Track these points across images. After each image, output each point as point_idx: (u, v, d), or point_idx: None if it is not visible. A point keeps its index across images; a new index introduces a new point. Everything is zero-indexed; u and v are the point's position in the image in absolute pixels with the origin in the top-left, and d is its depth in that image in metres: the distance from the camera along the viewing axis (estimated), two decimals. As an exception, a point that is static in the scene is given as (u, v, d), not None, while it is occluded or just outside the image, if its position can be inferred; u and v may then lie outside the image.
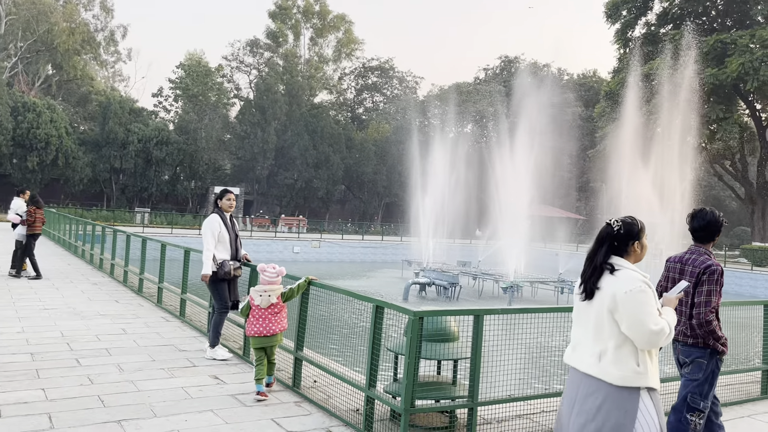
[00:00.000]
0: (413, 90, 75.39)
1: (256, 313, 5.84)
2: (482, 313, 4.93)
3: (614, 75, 46.92)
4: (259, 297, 5.84)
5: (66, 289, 11.83)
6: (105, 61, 68.56)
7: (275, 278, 6.00)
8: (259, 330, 5.77)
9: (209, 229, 7.04)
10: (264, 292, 5.86)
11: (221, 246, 7.10)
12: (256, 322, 5.80)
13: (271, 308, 5.85)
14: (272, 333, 5.79)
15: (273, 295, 5.88)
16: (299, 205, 58.91)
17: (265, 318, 5.81)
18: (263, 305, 5.82)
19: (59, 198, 52.64)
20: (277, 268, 6.10)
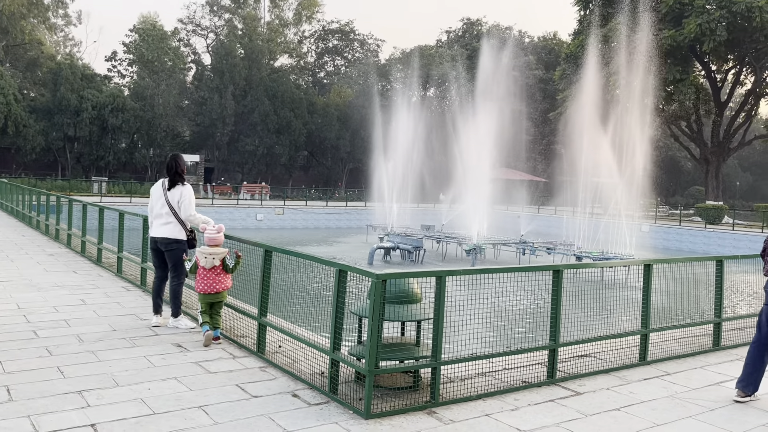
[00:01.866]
0: (375, 53, 74.51)
1: (201, 272, 6.42)
2: (444, 275, 4.97)
3: (574, 37, 47.17)
4: (204, 259, 6.41)
5: (21, 260, 11.51)
6: (54, 24, 65.62)
7: (217, 234, 6.53)
8: (204, 288, 6.39)
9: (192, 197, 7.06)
10: (209, 254, 6.42)
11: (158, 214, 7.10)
12: (202, 281, 6.41)
13: (214, 269, 6.42)
14: (217, 291, 6.42)
15: (217, 258, 6.43)
16: (261, 171, 58.19)
17: (209, 278, 6.41)
18: (207, 266, 6.40)
19: (11, 168, 50.90)
20: (218, 226, 6.64)
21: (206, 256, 6.41)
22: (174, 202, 6.92)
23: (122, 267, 10.35)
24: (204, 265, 6.40)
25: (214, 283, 6.40)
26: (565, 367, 6.01)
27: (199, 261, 6.44)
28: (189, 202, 6.99)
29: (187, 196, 6.98)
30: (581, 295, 6.38)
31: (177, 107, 57.69)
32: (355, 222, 38.74)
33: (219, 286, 6.43)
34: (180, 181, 6.99)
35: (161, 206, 6.96)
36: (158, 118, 53.87)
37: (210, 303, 6.44)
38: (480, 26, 73.69)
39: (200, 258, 6.44)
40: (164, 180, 7.04)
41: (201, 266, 6.42)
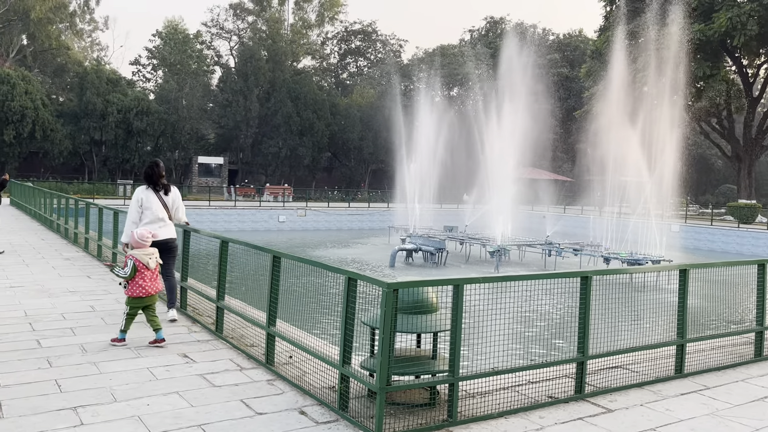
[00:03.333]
0: (397, 54, 74.16)
1: (145, 275, 6.32)
2: (462, 283, 4.60)
3: (600, 33, 46.22)
4: (150, 260, 6.38)
5: (36, 265, 11.40)
6: (81, 30, 66.56)
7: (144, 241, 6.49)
8: (148, 290, 6.31)
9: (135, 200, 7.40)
10: (152, 255, 6.44)
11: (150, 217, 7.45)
12: (144, 284, 6.29)
13: (155, 270, 6.48)
14: (156, 292, 6.43)
15: (155, 258, 6.52)
16: (285, 173, 58.21)
17: (152, 279, 6.38)
18: (152, 266, 6.39)
19: (39, 172, 51.62)
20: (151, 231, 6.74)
21: (150, 257, 6.41)
22: (170, 205, 7.37)
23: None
24: (151, 266, 6.38)
25: (155, 283, 6.42)
26: (594, 381, 5.59)
27: (142, 264, 6.31)
28: (182, 205, 7.61)
29: (180, 199, 7.54)
30: (610, 301, 5.94)
31: (201, 110, 58.03)
32: (378, 223, 38.43)
33: (158, 287, 6.51)
34: (169, 185, 7.37)
35: (160, 210, 7.26)
36: (182, 120, 54.24)
37: (147, 305, 6.39)
38: (503, 25, 72.85)
39: (143, 260, 6.32)
40: (150, 185, 7.30)
41: (144, 268, 6.32)
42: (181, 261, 8.09)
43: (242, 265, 6.89)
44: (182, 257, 8.05)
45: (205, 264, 9.38)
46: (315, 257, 18.85)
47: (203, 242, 7.79)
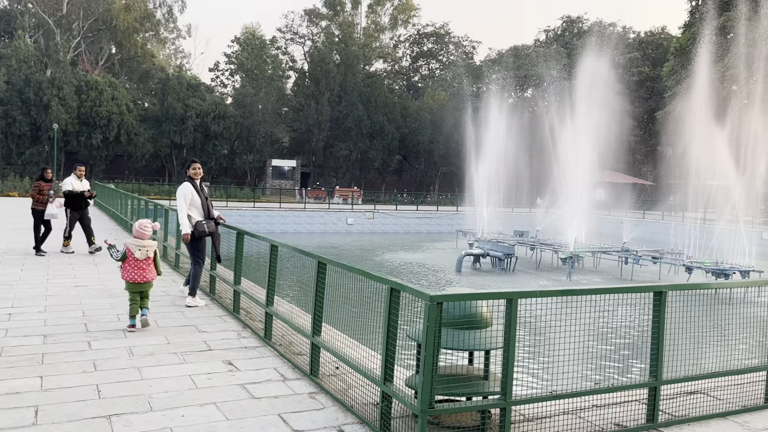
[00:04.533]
0: (470, 55, 73.23)
1: (132, 263, 6.86)
2: (515, 297, 4.15)
3: (685, 30, 43.91)
4: (138, 251, 6.88)
5: (104, 265, 11.67)
6: (165, 38, 69.45)
7: (144, 231, 7.01)
8: (135, 277, 6.85)
9: (182, 195, 8.14)
10: (143, 246, 6.91)
11: (194, 209, 8.22)
12: (132, 271, 6.86)
13: (146, 260, 6.93)
14: (147, 280, 6.94)
15: (150, 250, 6.98)
16: (355, 176, 58.55)
17: (141, 268, 6.89)
18: (141, 258, 6.88)
19: (123, 174, 54.16)
20: (154, 224, 7.24)
21: (140, 248, 6.89)
22: None
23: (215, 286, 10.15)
24: (138, 257, 6.85)
25: (145, 273, 6.90)
26: (670, 407, 5.00)
27: (132, 253, 6.85)
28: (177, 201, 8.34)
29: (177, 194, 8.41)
30: (690, 316, 5.31)
31: (275, 114, 59.26)
32: (446, 227, 37.88)
33: (150, 276, 6.96)
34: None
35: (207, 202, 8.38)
36: (257, 124, 55.56)
37: (139, 291, 6.91)
38: (581, 23, 70.67)
39: (133, 250, 6.86)
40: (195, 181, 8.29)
41: (133, 257, 6.85)
42: (234, 262, 7.99)
43: (294, 270, 6.67)
44: (235, 259, 7.95)
45: (256, 267, 9.25)
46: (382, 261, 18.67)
47: (254, 244, 7.63)
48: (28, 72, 47.98)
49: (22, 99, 47.68)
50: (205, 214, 8.25)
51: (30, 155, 48.14)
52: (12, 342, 6.23)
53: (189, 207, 8.16)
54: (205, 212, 8.27)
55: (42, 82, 47.79)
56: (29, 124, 48.11)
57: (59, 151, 48.97)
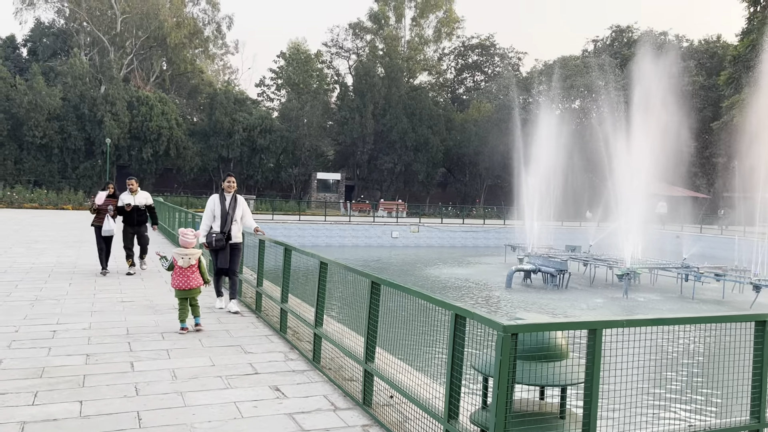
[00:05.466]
0: (515, 67, 72.28)
1: (178, 271, 7.33)
2: (600, 327, 3.65)
3: (743, 37, 42.20)
4: (181, 259, 7.32)
5: (150, 279, 11.55)
6: (214, 54, 70.87)
7: (192, 240, 7.50)
8: (180, 284, 7.30)
9: (207, 206, 8.71)
10: (185, 255, 7.35)
11: (216, 220, 8.60)
12: (178, 279, 7.32)
13: (190, 268, 7.35)
14: (191, 287, 7.34)
15: (192, 258, 7.37)
16: (399, 189, 58.23)
17: (185, 276, 7.32)
18: (184, 266, 7.32)
19: (172, 187, 55.16)
20: (194, 231, 7.77)
21: (183, 257, 7.32)
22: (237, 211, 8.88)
23: (241, 289, 9.91)
24: (182, 265, 7.29)
25: (189, 280, 7.31)
26: (771, 453, 4.37)
27: (176, 261, 7.31)
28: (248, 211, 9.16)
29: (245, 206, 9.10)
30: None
31: (320, 127, 59.56)
32: (493, 241, 37.08)
33: (194, 283, 7.35)
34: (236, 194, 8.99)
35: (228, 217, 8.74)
36: (303, 138, 55.90)
37: (186, 297, 7.34)
38: (631, 33, 68.95)
39: (177, 259, 7.32)
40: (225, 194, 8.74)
41: (178, 266, 7.30)
42: (282, 279, 7.67)
43: (345, 287, 6.28)
44: (283, 276, 7.62)
45: (304, 282, 8.88)
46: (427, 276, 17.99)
47: (302, 260, 7.28)
48: (83, 89, 49.46)
49: (77, 115, 49.14)
50: (220, 227, 8.57)
51: (84, 169, 49.48)
52: (54, 362, 6.01)
53: (213, 218, 8.62)
54: (222, 225, 8.57)
55: (96, 98, 49.17)
56: (84, 138, 49.51)
57: (111, 165, 50.21)
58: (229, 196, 8.67)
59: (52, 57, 57.50)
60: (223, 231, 8.48)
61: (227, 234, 8.52)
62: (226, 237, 8.51)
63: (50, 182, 47.70)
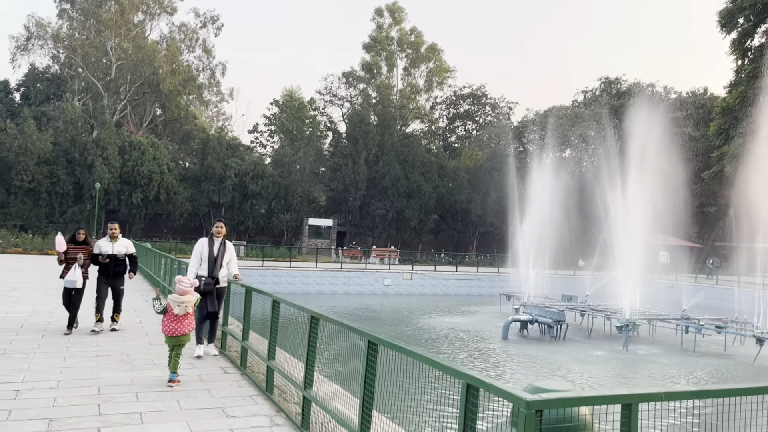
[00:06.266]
0: (507, 116, 73.08)
1: (171, 317, 7.10)
2: (636, 401, 3.15)
3: (731, 89, 42.80)
4: (177, 307, 7.12)
5: (131, 330, 10.91)
6: (208, 100, 71.32)
7: (188, 288, 7.28)
8: (172, 330, 7.05)
9: (195, 250, 8.81)
10: (182, 302, 7.14)
11: (203, 264, 8.64)
12: (170, 324, 7.08)
13: (185, 315, 7.16)
14: (183, 333, 7.12)
15: (189, 306, 7.20)
16: (392, 235, 57.85)
17: (178, 321, 7.10)
18: (180, 314, 7.12)
19: (161, 232, 54.49)
20: (191, 281, 7.51)
21: (179, 304, 7.10)
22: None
23: (226, 343, 9.31)
24: (177, 312, 7.08)
25: (182, 326, 7.09)
26: None
27: (171, 309, 7.09)
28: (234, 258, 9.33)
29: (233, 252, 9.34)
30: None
31: (313, 173, 59.49)
32: (487, 289, 36.50)
33: (186, 329, 7.13)
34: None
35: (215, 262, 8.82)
36: (295, 184, 55.73)
37: (176, 344, 7.07)
38: (619, 84, 70.16)
39: (172, 305, 7.10)
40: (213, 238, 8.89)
41: (172, 312, 7.08)
42: (269, 333, 7.12)
43: (337, 341, 5.75)
44: (270, 330, 7.08)
45: (293, 334, 8.34)
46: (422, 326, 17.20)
47: (292, 312, 6.76)
48: (75, 133, 49.29)
49: (67, 159, 48.83)
50: (209, 272, 8.62)
51: (72, 213, 48.85)
52: (12, 428, 5.39)
53: (200, 261, 8.67)
54: (209, 269, 8.63)
55: (87, 143, 48.96)
56: (73, 183, 49.06)
57: (100, 210, 49.63)
58: (218, 240, 8.85)
59: (45, 102, 57.59)
60: (211, 275, 8.59)
61: (216, 278, 8.64)
62: (214, 282, 8.61)
63: (37, 227, 46.97)
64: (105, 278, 10.51)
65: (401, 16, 68.44)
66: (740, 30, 40.20)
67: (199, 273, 8.60)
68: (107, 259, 10.40)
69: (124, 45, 57.64)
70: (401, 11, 68.22)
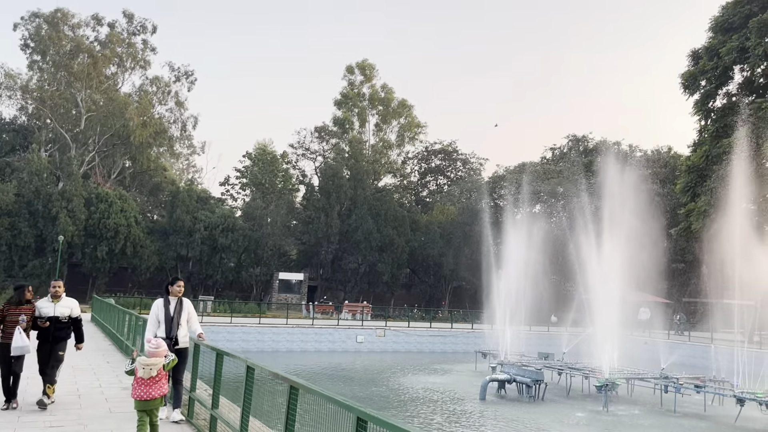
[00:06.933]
0: (478, 172, 74.05)
1: (139, 380, 6.69)
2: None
3: (696, 148, 43.96)
4: (142, 370, 6.69)
5: (89, 396, 10.12)
6: (179, 153, 70.84)
7: (156, 350, 6.87)
8: (141, 394, 6.66)
9: (151, 312, 8.70)
10: (147, 365, 6.70)
11: (160, 325, 8.46)
12: (138, 388, 6.69)
13: (151, 379, 6.70)
14: (152, 398, 6.70)
15: (154, 369, 6.73)
16: (364, 290, 57.10)
17: (147, 385, 6.69)
18: (145, 377, 6.68)
19: (126, 286, 52.86)
20: (158, 342, 7.02)
21: (144, 367, 6.68)
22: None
23: (194, 410, 8.65)
24: (142, 375, 6.66)
25: (151, 390, 6.68)
26: None
27: (137, 371, 6.69)
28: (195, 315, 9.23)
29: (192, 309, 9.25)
30: None
31: (284, 227, 58.88)
32: (461, 346, 35.89)
33: (155, 393, 6.73)
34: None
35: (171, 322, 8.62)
36: (266, 237, 54.97)
37: (145, 410, 6.68)
38: (587, 142, 71.96)
39: (138, 368, 6.70)
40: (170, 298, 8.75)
41: (138, 376, 6.67)
42: (242, 401, 6.56)
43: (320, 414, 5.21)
44: (243, 399, 6.52)
45: (271, 397, 7.80)
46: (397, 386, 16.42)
47: (268, 380, 6.23)
48: (39, 184, 48.15)
49: (30, 211, 47.51)
50: (166, 332, 8.39)
51: (32, 267, 47.16)
52: None
53: (158, 323, 8.48)
54: (167, 331, 8.41)
55: (52, 195, 47.80)
56: (35, 235, 47.59)
57: (63, 263, 48.05)
58: (174, 300, 8.74)
59: (11, 152, 56.39)
60: (169, 336, 8.38)
61: (174, 339, 8.45)
62: (173, 342, 8.38)
63: (-6, 280, 45.17)
64: (44, 344, 9.12)
65: (372, 73, 69.72)
66: (702, 92, 41.57)
67: (158, 335, 8.37)
68: (47, 322, 9.04)
69: (95, 97, 57.23)
70: (372, 68, 69.53)
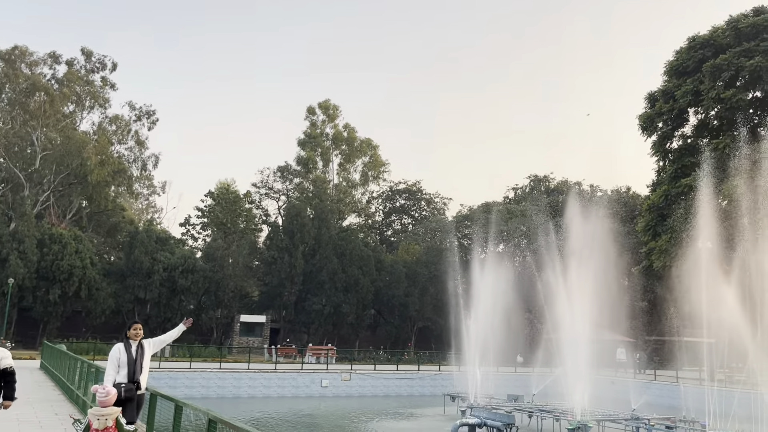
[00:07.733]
0: (441, 211, 74.39)
1: None
2: None
3: (655, 188, 44.97)
4: (97, 421, 6.39)
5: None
6: (138, 193, 69.18)
7: (105, 398, 6.57)
8: None
9: (111, 356, 8.26)
10: (101, 416, 6.39)
11: (122, 370, 8.10)
12: None
13: (107, 429, 6.37)
14: None
15: (109, 419, 6.40)
16: (328, 331, 55.92)
17: None
18: (99, 428, 6.36)
19: (80, 331, 50.62)
20: (107, 389, 6.78)
21: (98, 417, 6.41)
22: None
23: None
24: (97, 427, 6.38)
25: None
26: None
27: (92, 423, 6.42)
28: None
29: None
30: None
31: (246, 267, 57.65)
32: (429, 389, 35.16)
33: None
34: None
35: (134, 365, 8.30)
36: (227, 278, 53.67)
37: None
38: (548, 182, 73.22)
39: (92, 419, 6.43)
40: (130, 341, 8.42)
41: (93, 428, 6.39)
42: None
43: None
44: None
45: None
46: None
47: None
48: (-11, 225, 46.30)
49: (-23, 254, 45.48)
50: (129, 377, 8.13)
51: (-21, 312, 44.89)
52: None
53: (118, 368, 8.16)
54: (130, 375, 8.16)
55: (3, 236, 45.90)
56: (-18, 279, 45.47)
57: (12, 308, 45.84)
58: (135, 343, 8.54)
59: (-40, 192, 54.24)
60: (132, 380, 8.16)
61: (137, 384, 8.23)
62: (136, 387, 8.18)
63: (-64, 327, 42.75)
64: None
65: (335, 113, 70.12)
66: (660, 133, 42.77)
67: (118, 380, 8.05)
68: None
69: (52, 135, 55.80)
70: (335, 108, 69.95)
